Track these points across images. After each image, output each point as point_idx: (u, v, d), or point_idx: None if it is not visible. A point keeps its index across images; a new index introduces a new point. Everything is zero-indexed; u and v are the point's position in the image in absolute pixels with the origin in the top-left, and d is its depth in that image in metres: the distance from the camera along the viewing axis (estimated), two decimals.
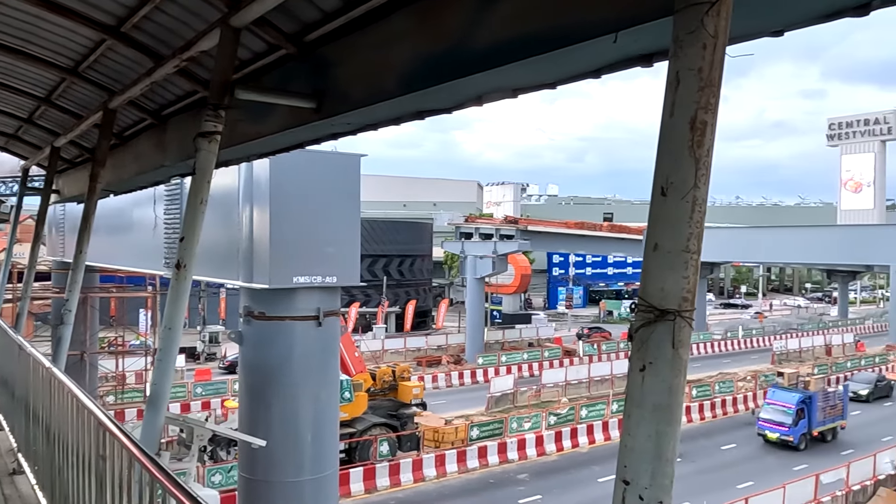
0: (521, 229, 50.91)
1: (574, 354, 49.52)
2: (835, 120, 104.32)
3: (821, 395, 30.98)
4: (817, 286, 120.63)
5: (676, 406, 2.38)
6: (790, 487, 21.72)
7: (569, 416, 31.00)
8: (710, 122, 2.34)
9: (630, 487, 2.32)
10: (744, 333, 60.69)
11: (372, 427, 26.89)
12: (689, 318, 2.32)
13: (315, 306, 10.24)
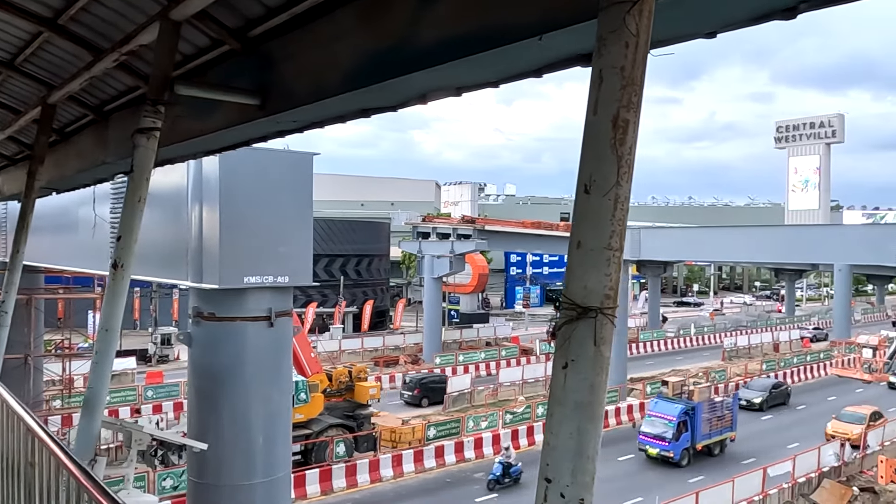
0: (478, 229, 51.07)
1: (531, 353, 49.89)
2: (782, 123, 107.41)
3: (706, 406, 28.44)
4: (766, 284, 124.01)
5: (598, 404, 2.40)
6: (738, 481, 22.25)
7: (525, 415, 31.23)
8: (632, 120, 2.36)
9: (552, 485, 2.33)
10: (696, 331, 62.10)
11: (328, 428, 26.67)
12: (611, 316, 2.34)
13: (267, 307, 10.09)
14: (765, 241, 35.61)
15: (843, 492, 24.74)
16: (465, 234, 50.88)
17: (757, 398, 36.48)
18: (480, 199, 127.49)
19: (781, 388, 38.53)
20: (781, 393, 38.25)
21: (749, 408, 35.40)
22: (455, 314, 68.37)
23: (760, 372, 43.98)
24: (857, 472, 26.62)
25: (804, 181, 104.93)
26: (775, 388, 38.17)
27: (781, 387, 38.70)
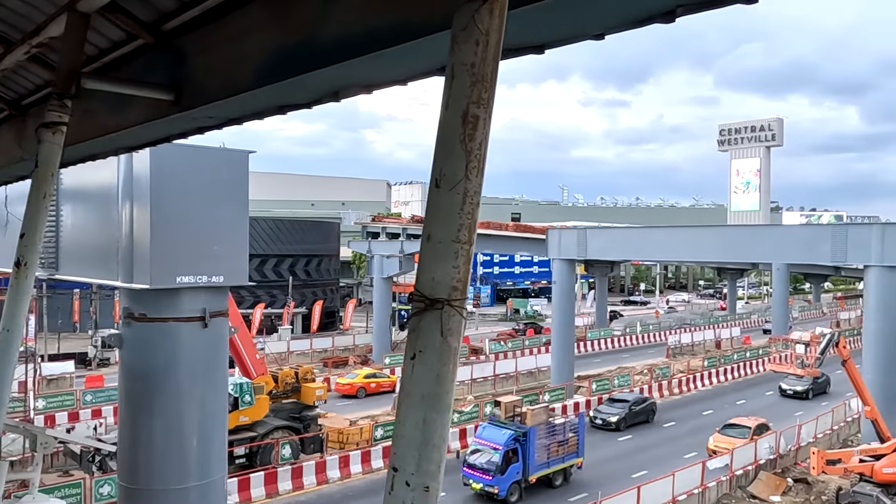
0: None
1: (481, 352, 50.19)
2: (725, 126, 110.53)
3: (542, 430, 24.34)
4: (710, 283, 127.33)
5: (445, 394, 2.44)
6: (679, 475, 22.79)
7: (473, 413, 31.37)
8: (482, 116, 2.42)
9: (398, 474, 2.37)
10: (642, 329, 63.39)
11: (274, 430, 26.35)
12: (458, 307, 2.39)
13: (201, 307, 9.90)
14: (707, 241, 36.56)
15: (778, 483, 25.60)
16: (414, 233, 50.89)
17: (613, 417, 33.01)
18: None
19: (645, 405, 34.67)
20: (645, 410, 34.53)
21: (605, 427, 32.49)
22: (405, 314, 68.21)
23: (702, 369, 45.12)
24: (792, 464, 27.55)
25: (746, 183, 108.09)
26: (637, 404, 34.30)
27: (645, 402, 34.86)
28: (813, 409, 33.98)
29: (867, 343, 28.82)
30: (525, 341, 54.51)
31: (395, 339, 53.73)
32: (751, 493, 24.97)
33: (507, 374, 42.71)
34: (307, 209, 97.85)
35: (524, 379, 43.12)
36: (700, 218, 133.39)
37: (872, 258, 27.50)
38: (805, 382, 38.69)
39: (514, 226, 59.68)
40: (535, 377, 43.46)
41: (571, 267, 39.27)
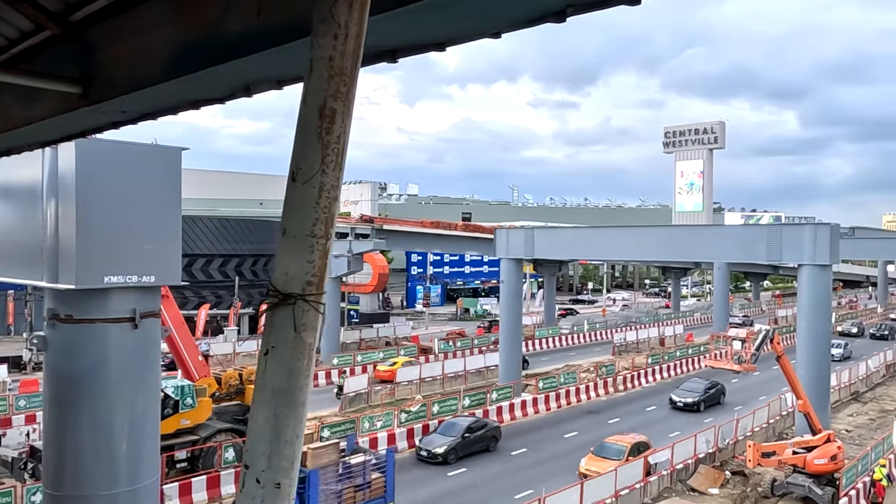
0: (376, 228, 50.91)
1: (430, 352, 50.21)
2: (669, 129, 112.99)
3: (329, 473, 19.46)
4: (655, 282, 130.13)
5: (297, 389, 2.44)
6: (621, 470, 23.20)
7: (420, 413, 31.37)
8: (339, 110, 2.42)
9: (249, 471, 2.37)
10: (589, 327, 64.37)
11: (217, 433, 25.87)
12: (313, 302, 2.39)
13: (130, 307, 9.62)
14: (651, 241, 37.35)
15: (716, 476, 26.30)
16: (363, 233, 50.62)
17: (440, 448, 27.45)
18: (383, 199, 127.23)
19: (483, 431, 29.13)
20: (483, 437, 28.96)
21: (431, 461, 27.46)
22: (355, 314, 67.86)
23: (646, 366, 46.02)
24: (730, 457, 28.34)
25: (689, 184, 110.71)
26: (472, 430, 28.50)
27: (483, 428, 29.23)
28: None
29: (800, 339, 29.88)
30: (474, 340, 54.76)
31: (343, 339, 53.36)
32: (691, 486, 25.59)
33: (456, 374, 42.85)
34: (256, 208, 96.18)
35: (473, 378, 43.32)
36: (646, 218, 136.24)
37: (805, 257, 28.51)
38: (695, 394, 36.95)
39: (462, 225, 60.00)
40: (483, 376, 43.70)
41: (519, 266, 39.62)
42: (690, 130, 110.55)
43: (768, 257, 30.17)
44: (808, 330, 29.22)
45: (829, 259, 28.13)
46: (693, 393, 37.36)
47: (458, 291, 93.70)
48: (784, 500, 24.26)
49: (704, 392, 37.41)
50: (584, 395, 39.29)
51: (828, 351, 30.33)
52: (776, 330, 26.12)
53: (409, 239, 56.61)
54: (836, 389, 39.21)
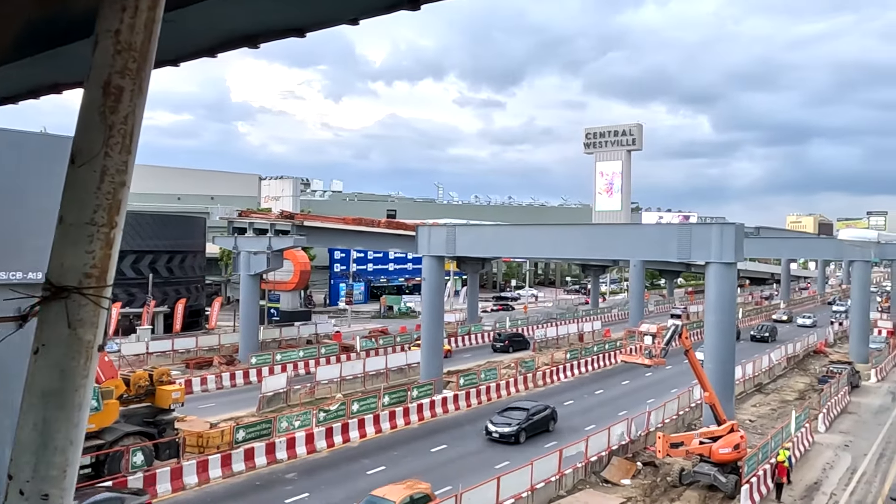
0: (297, 224, 49.98)
1: (352, 350, 49.77)
2: (590, 130, 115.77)
3: None
4: (576, 279, 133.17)
5: (72, 391, 2.27)
6: (537, 463, 23.57)
7: (340, 412, 31.01)
8: (127, 87, 2.28)
9: (12, 483, 2.20)
10: (511, 324, 65.22)
11: (124, 437, 24.80)
12: (92, 297, 2.25)
13: (15, 305, 9.04)
14: (571, 239, 38.15)
15: (628, 467, 27.12)
16: (283, 229, 49.60)
17: None
18: (306, 195, 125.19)
19: None
20: None
21: None
22: (275, 312, 66.45)
23: (565, 361, 47.00)
24: (642, 449, 29.28)
25: (609, 184, 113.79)
26: None
27: None
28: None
29: (707, 333, 31.15)
30: (396, 338, 54.60)
31: (263, 337, 52.18)
32: (604, 477, 26.29)
33: (378, 371, 42.62)
34: (173, 203, 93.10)
35: (394, 375, 43.18)
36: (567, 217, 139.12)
37: (712, 255, 29.74)
38: (514, 423, 30.30)
39: (385, 222, 59.65)
40: (405, 374, 43.62)
41: (441, 264, 39.72)
42: (610, 132, 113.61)
43: (679, 255, 31.30)
44: (714, 325, 30.49)
45: (733, 257, 29.42)
46: (512, 423, 30.55)
47: (381, 289, 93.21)
48: (691, 489, 25.24)
49: (525, 419, 30.83)
50: (505, 391, 39.79)
51: (733, 343, 31.71)
52: (685, 325, 27.11)
53: (331, 236, 55.86)
54: (740, 381, 41.16)
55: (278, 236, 49.29)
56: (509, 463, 26.34)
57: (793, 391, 43.73)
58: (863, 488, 26.24)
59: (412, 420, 33.30)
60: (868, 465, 28.97)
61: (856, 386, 43.96)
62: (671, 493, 25.07)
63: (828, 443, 31.92)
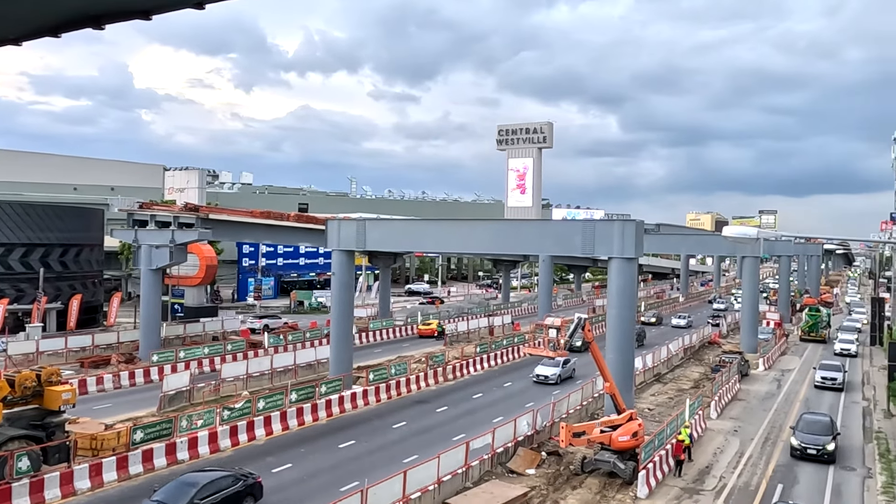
0: (202, 217, 48.34)
1: (260, 346, 48.66)
2: (503, 127, 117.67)
3: None
4: (488, 274, 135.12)
5: None
6: (444, 456, 23.77)
7: (245, 410, 30.27)
8: None
9: None
10: (422, 318, 65.45)
11: (7, 441, 23.32)
12: None
13: None
14: (482, 234, 38.56)
15: (533, 457, 27.79)
16: (187, 222, 47.86)
17: None
18: (214, 187, 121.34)
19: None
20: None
21: None
22: (179, 308, 64.21)
23: (475, 355, 47.62)
24: (547, 439, 30.05)
25: (520, 181, 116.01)
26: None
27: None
28: None
29: (609, 326, 32.27)
30: (306, 333, 53.80)
31: (165, 334, 50.28)
32: (510, 468, 26.82)
33: (286, 368, 41.86)
34: (68, 193, 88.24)
35: (303, 372, 42.54)
36: (480, 212, 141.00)
37: (614, 250, 30.82)
38: None
39: (295, 216, 58.55)
40: (314, 369, 43.06)
41: (351, 258, 39.37)
42: (521, 129, 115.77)
43: (583, 250, 32.24)
44: (616, 318, 31.63)
45: (634, 252, 30.59)
46: None
47: (292, 284, 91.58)
48: (592, 476, 26.12)
49: None
50: (415, 385, 39.93)
51: (633, 336, 32.98)
52: (588, 319, 27.96)
53: (238, 229, 54.32)
54: (640, 372, 42.91)
55: (182, 229, 47.55)
56: (417, 457, 26.47)
57: (689, 380, 45.96)
58: (749, 470, 27.90)
59: (320, 416, 32.93)
60: (754, 449, 30.82)
61: (745, 374, 46.67)
62: (573, 481, 25.86)
63: (719, 428, 33.74)
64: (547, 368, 42.52)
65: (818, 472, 27.77)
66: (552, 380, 42.10)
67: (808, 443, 28.81)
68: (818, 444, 28.65)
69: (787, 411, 38.02)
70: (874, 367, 52.45)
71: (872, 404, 40.51)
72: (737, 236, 12.62)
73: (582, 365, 42.99)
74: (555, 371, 42.41)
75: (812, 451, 28.60)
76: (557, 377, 42.22)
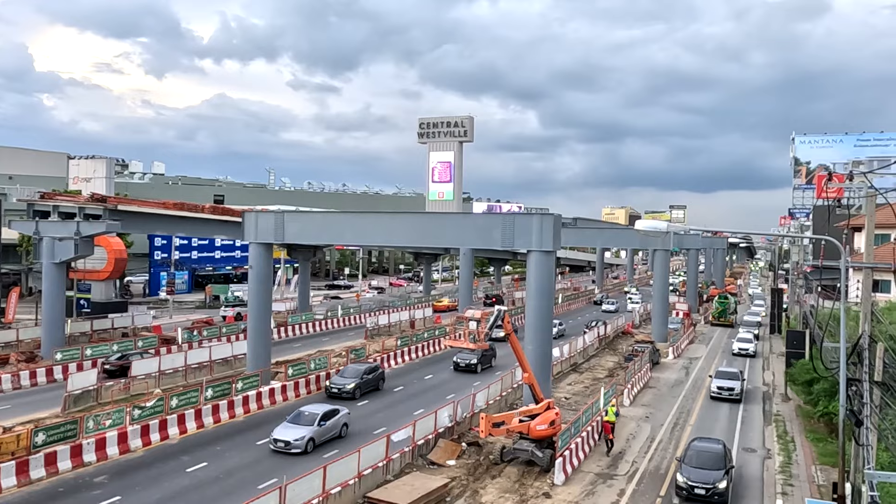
0: (110, 209, 46.20)
1: (173, 342, 47.05)
2: (424, 120, 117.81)
3: None
4: (410, 267, 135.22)
5: None
6: (364, 450, 23.64)
7: (157, 408, 29.21)
8: None
9: None
10: (343, 312, 64.90)
11: None
12: None
13: None
14: (403, 228, 38.49)
15: (454, 448, 28.03)
16: (94, 213, 45.63)
17: None
18: (124, 177, 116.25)
19: None
20: None
21: None
22: (85, 303, 61.27)
23: (396, 348, 47.58)
24: (467, 430, 30.37)
25: (441, 174, 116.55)
26: None
27: None
28: None
29: (528, 318, 32.86)
30: (222, 328, 52.38)
31: (70, 331, 47.85)
32: (430, 459, 26.97)
33: (201, 364, 40.63)
34: None
35: (219, 368, 41.42)
36: (402, 205, 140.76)
37: (533, 244, 31.39)
38: None
39: (210, 207, 56.80)
40: (231, 365, 41.99)
41: (269, 251, 38.55)
42: (443, 123, 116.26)
43: (503, 244, 32.69)
44: (534, 310, 32.24)
45: (552, 245, 31.25)
46: None
47: (207, 278, 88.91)
48: (511, 465, 26.59)
49: None
50: None
51: (550, 327, 33.72)
52: (507, 311, 28.42)
53: (149, 221, 52.18)
54: (558, 362, 43.99)
55: (88, 221, 45.29)
56: (338, 451, 26.25)
57: (604, 369, 47.44)
58: (659, 454, 29.09)
59: (237, 413, 32.15)
60: (664, 434, 32.15)
61: (656, 363, 48.59)
62: (493, 471, 26.26)
63: (632, 415, 35.00)
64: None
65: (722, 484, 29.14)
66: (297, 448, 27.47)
67: (695, 480, 23.35)
68: (707, 483, 23.20)
69: (695, 397, 39.84)
70: (774, 354, 55.63)
71: (772, 389, 42.99)
72: (648, 230, 13.07)
73: (501, 357, 43.67)
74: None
75: (700, 490, 23.15)
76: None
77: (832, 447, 27.71)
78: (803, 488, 25.32)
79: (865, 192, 19.51)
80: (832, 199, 31.69)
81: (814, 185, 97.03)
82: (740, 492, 24.98)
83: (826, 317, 29.04)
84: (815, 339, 35.71)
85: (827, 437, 30.92)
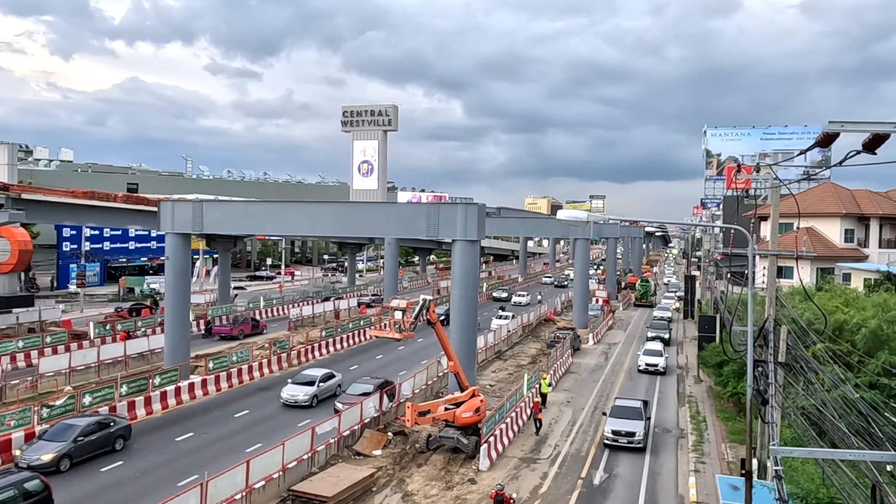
0: (12, 197, 43.66)
1: (84, 338, 44.97)
2: (347, 108, 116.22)
3: None
4: (334, 257, 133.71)
5: None
6: (289, 443, 23.32)
7: (68, 406, 27.91)
8: None
9: None
10: (265, 304, 63.61)
11: None
12: None
13: None
14: (326, 217, 37.97)
15: (380, 438, 28.00)
16: None
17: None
18: (27, 164, 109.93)
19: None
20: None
21: None
22: None
23: (320, 339, 47.04)
24: (393, 419, 30.39)
25: (365, 163, 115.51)
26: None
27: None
28: None
29: (453, 307, 33.14)
30: (138, 322, 50.43)
31: None
32: (356, 450, 26.86)
33: (115, 359, 39.04)
34: None
35: (135, 363, 39.91)
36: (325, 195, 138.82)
37: (457, 233, 31.62)
38: None
39: (123, 196, 54.50)
40: (147, 360, 40.52)
41: (187, 241, 37.32)
42: (367, 111, 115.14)
43: (428, 233, 32.77)
44: (459, 299, 32.52)
45: (476, 235, 31.57)
46: None
47: (121, 269, 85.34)
48: (437, 453, 26.80)
49: None
50: (258, 373, 38.78)
51: (475, 316, 34.06)
52: (433, 300, 28.51)
53: (57, 211, 49.60)
54: (483, 350, 44.53)
55: None
56: (261, 445, 25.81)
57: (527, 356, 48.34)
58: (580, 437, 29.93)
59: (155, 409, 31.09)
60: (585, 418, 33.09)
61: (577, 349, 49.89)
62: (419, 459, 26.40)
63: (554, 400, 35.84)
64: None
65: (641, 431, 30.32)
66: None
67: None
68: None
69: (614, 381, 41.15)
70: (687, 339, 58.04)
71: (685, 371, 44.87)
72: (569, 219, 13.36)
73: (426, 346, 43.79)
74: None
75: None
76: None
77: (741, 425, 29.18)
78: (714, 465, 26.60)
79: (771, 184, 20.58)
80: (741, 189, 33.24)
81: (724, 177, 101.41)
82: (656, 470, 26.04)
83: (735, 302, 30.45)
84: (724, 324, 37.43)
85: (736, 416, 32.55)
